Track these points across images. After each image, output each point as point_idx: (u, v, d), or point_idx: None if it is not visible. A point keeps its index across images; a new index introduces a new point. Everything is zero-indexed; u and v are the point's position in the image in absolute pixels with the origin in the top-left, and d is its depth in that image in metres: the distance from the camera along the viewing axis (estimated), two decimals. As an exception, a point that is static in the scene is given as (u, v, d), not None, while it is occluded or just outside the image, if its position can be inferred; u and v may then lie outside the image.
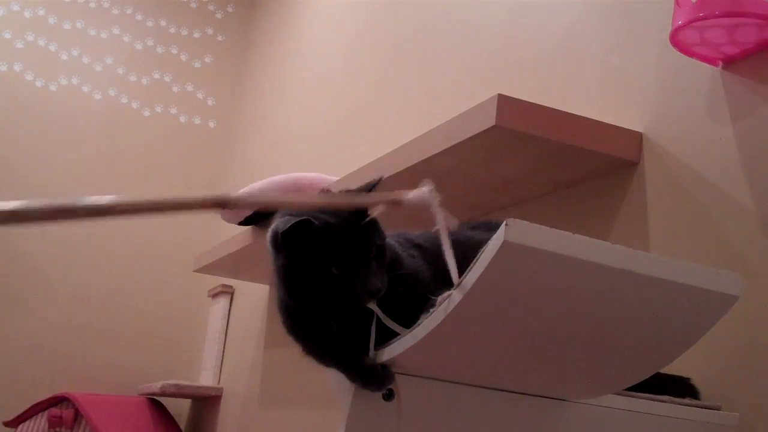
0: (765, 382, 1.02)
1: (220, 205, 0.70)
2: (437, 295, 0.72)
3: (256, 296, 2.79)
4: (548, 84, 1.55)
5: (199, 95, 3.60)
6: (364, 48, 2.46)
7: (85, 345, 3.18)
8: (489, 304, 0.69)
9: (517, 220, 0.64)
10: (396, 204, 0.77)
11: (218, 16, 3.71)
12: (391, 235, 0.89)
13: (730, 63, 1.17)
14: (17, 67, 3.29)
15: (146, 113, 3.48)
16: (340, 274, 0.80)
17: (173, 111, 3.54)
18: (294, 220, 0.79)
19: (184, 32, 3.63)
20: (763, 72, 1.13)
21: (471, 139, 1.23)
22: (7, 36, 3.30)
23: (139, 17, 3.55)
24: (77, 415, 2.69)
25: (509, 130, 1.20)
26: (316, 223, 0.80)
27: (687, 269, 0.71)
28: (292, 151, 2.85)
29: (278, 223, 0.83)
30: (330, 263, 0.80)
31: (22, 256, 3.15)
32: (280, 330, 0.90)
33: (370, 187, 0.86)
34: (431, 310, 0.73)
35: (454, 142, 1.26)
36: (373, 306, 0.81)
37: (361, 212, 0.83)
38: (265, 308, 2.70)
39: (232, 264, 2.44)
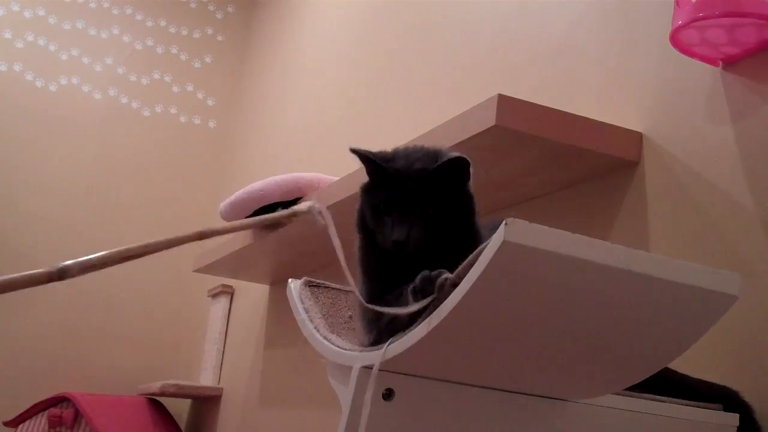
0: (765, 382, 1.02)
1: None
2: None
3: (256, 296, 2.79)
4: (548, 84, 1.55)
5: (199, 95, 3.60)
6: (364, 48, 2.46)
7: (85, 345, 3.18)
8: (488, 303, 0.69)
9: (516, 219, 0.63)
10: (291, 216, 0.83)
11: (218, 16, 3.71)
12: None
13: (730, 63, 1.17)
14: (17, 67, 3.29)
15: (146, 113, 3.48)
16: (378, 218, 0.85)
17: (173, 111, 3.54)
18: (367, 155, 0.87)
19: (184, 32, 3.63)
20: (763, 72, 1.13)
21: (471, 139, 1.23)
22: (7, 36, 3.30)
23: (139, 17, 3.55)
24: (77, 415, 2.68)
25: (509, 130, 1.20)
26: (380, 164, 0.87)
27: (687, 269, 0.71)
28: (292, 151, 2.85)
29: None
30: (375, 204, 0.86)
31: (22, 256, 3.15)
32: (280, 330, 0.90)
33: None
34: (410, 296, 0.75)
35: (454, 142, 1.26)
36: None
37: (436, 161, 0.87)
38: (265, 308, 2.70)
39: (232, 264, 2.44)
